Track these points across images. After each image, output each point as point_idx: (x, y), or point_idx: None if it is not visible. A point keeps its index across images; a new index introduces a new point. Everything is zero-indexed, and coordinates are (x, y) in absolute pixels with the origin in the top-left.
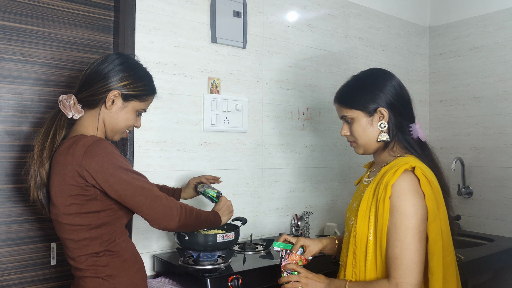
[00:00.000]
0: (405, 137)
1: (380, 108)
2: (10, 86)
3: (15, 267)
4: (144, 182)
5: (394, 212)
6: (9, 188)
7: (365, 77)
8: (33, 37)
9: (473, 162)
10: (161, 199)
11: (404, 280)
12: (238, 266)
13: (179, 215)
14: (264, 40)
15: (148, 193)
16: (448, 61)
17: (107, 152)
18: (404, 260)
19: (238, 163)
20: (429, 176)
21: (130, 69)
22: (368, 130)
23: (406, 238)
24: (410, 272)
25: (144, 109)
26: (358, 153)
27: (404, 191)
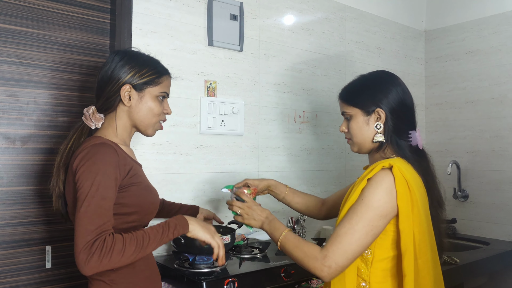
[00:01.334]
0: (400, 141)
1: (378, 109)
2: (5, 88)
3: (10, 270)
4: (94, 207)
5: (359, 200)
6: (4, 191)
7: (370, 78)
8: (28, 39)
9: (469, 166)
10: (87, 234)
11: (333, 256)
12: (234, 269)
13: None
14: (260, 43)
15: (83, 222)
16: (444, 65)
17: (96, 158)
18: (344, 241)
19: (234, 166)
20: (408, 177)
21: (131, 60)
22: (364, 129)
23: (357, 225)
24: (343, 253)
25: (163, 91)
26: (353, 150)
27: (376, 185)
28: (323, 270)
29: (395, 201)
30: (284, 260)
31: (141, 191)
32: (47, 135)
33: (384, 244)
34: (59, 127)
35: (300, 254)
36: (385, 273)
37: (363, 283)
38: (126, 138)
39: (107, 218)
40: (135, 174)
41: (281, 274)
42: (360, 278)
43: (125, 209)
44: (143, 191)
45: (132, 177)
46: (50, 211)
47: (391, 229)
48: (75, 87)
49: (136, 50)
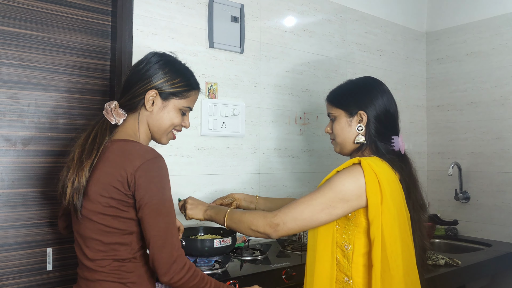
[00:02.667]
0: (379, 143)
1: (360, 111)
2: (6, 90)
3: (11, 273)
4: (172, 222)
5: (325, 183)
6: (5, 193)
7: (357, 82)
8: (30, 42)
9: (471, 167)
10: (172, 248)
11: (283, 216)
12: (235, 271)
13: (176, 273)
14: (261, 45)
15: (166, 235)
16: (445, 66)
17: (161, 173)
18: (298, 208)
19: (235, 168)
20: (377, 171)
21: (165, 66)
22: (346, 129)
23: (315, 200)
24: (292, 218)
25: (188, 106)
26: (335, 151)
27: (343, 173)
28: (271, 226)
29: (363, 192)
30: (285, 262)
31: None
32: (48, 137)
33: (361, 237)
34: (60, 129)
35: (248, 218)
36: (365, 268)
37: (346, 278)
38: (147, 142)
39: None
40: None
41: (282, 276)
42: (343, 273)
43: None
44: None
45: None
46: (51, 213)
47: (363, 221)
48: (76, 89)
49: (174, 56)
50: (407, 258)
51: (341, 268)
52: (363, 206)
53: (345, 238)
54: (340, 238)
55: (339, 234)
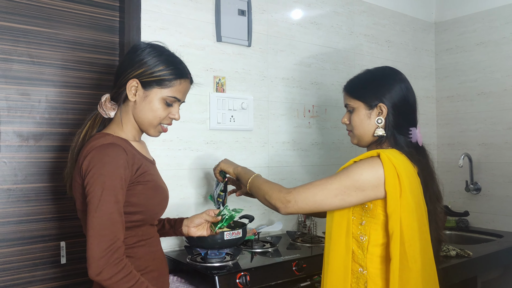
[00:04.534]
0: (398, 136)
1: (381, 104)
2: (17, 87)
3: (26, 266)
4: (108, 212)
5: (343, 170)
6: (18, 188)
7: (376, 72)
8: (39, 38)
9: (482, 158)
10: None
11: (296, 194)
12: (246, 263)
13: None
14: (269, 38)
15: (97, 225)
16: (454, 57)
17: (104, 160)
18: (312, 190)
19: (244, 161)
20: (396, 164)
21: (148, 54)
22: (365, 122)
23: (331, 184)
24: (305, 198)
25: (172, 96)
26: (352, 142)
27: (362, 163)
28: (282, 202)
29: (381, 184)
30: (296, 254)
31: (147, 191)
32: (59, 132)
33: (377, 228)
34: (70, 125)
35: (266, 188)
36: (381, 259)
37: (361, 269)
38: (136, 134)
39: (121, 224)
40: (144, 172)
41: (293, 268)
42: (357, 264)
43: (130, 208)
44: (149, 191)
45: (140, 176)
46: (64, 207)
47: (380, 213)
48: (86, 85)
49: (161, 44)
50: (425, 251)
51: (355, 258)
52: (379, 197)
53: (360, 229)
54: (355, 229)
55: (354, 225)
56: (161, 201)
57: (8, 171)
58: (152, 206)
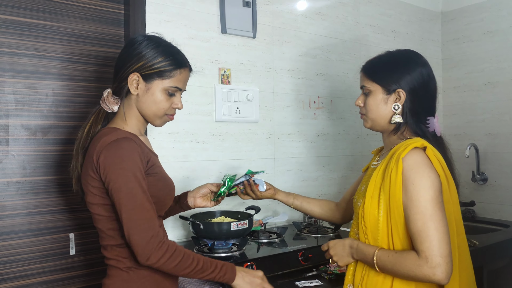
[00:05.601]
0: (418, 124)
1: (399, 90)
2: (24, 81)
3: (36, 257)
4: (138, 203)
5: (409, 186)
6: (27, 180)
7: (398, 56)
8: (45, 32)
9: (488, 148)
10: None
11: (433, 252)
12: (252, 253)
13: (152, 254)
14: (274, 30)
15: (134, 216)
16: (461, 47)
17: (120, 154)
18: (430, 232)
19: (250, 153)
20: (440, 159)
21: (146, 47)
22: (381, 107)
23: (427, 210)
24: (438, 243)
25: (174, 86)
26: (365, 126)
27: (417, 164)
28: (435, 274)
29: (438, 175)
30: (302, 244)
31: (157, 182)
32: (66, 125)
33: None
34: (77, 118)
35: (402, 270)
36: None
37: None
38: (141, 128)
39: (153, 210)
40: (153, 165)
41: (299, 258)
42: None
43: None
44: (159, 182)
45: (150, 168)
46: (73, 199)
47: None
48: (92, 78)
49: (158, 35)
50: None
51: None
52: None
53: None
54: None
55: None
56: (169, 192)
57: (17, 164)
58: (162, 197)
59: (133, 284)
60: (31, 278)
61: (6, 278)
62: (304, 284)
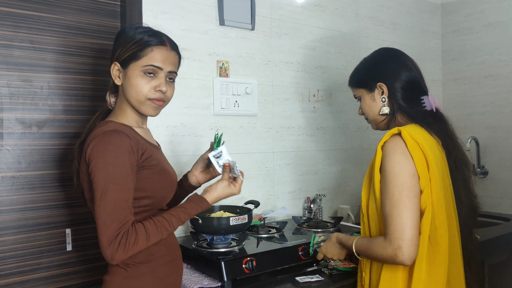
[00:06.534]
0: (411, 109)
1: (379, 83)
2: (19, 73)
3: (31, 253)
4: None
5: (383, 172)
6: (23, 175)
7: (369, 57)
8: (40, 24)
9: (489, 142)
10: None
11: (395, 235)
12: (251, 248)
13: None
14: (272, 22)
15: (103, 213)
16: (461, 39)
17: (107, 148)
18: (394, 217)
19: (249, 147)
20: (418, 139)
21: (121, 35)
22: (372, 105)
23: (394, 195)
24: (401, 227)
25: (148, 64)
26: (373, 128)
27: (390, 151)
28: (397, 255)
29: (412, 162)
30: (302, 239)
31: (153, 175)
32: (62, 119)
33: None
34: (73, 111)
35: (373, 254)
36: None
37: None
38: (138, 119)
39: (128, 210)
40: (149, 157)
41: (299, 253)
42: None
43: (137, 193)
44: (156, 175)
45: (145, 161)
46: (69, 194)
47: None
48: (88, 70)
49: (138, 25)
50: (451, 227)
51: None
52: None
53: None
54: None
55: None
56: (168, 185)
57: (12, 159)
58: (160, 190)
59: (134, 280)
60: (26, 274)
61: (0, 275)
62: (305, 279)
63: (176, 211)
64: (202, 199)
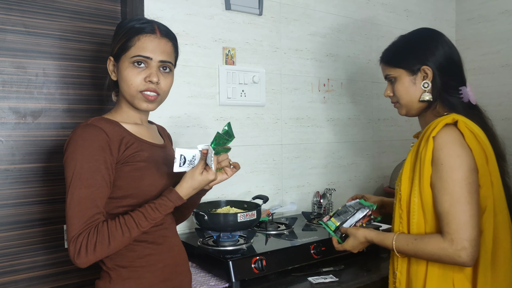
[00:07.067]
0: (451, 98)
1: (424, 67)
2: (12, 59)
3: (26, 251)
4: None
5: (439, 166)
6: (17, 168)
7: (412, 36)
8: (35, 7)
9: (505, 134)
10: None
11: (459, 235)
12: (260, 246)
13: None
14: (281, 7)
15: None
16: (476, 27)
17: (78, 143)
18: (456, 214)
19: (256, 139)
20: (476, 131)
21: (115, 32)
22: (411, 89)
23: (455, 191)
24: (464, 226)
25: (136, 55)
26: (401, 113)
27: (446, 143)
28: (460, 256)
29: (471, 154)
30: (313, 236)
31: (135, 172)
32: (59, 109)
33: None
34: (71, 100)
35: (425, 253)
36: None
37: None
38: (135, 116)
39: (94, 209)
40: (135, 152)
41: (311, 251)
42: None
43: (118, 192)
44: (136, 172)
45: (129, 156)
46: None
47: None
48: (86, 57)
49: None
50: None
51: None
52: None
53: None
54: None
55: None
56: (153, 183)
57: (5, 151)
58: (143, 189)
59: (117, 286)
60: (21, 273)
61: None
62: (318, 280)
63: (145, 207)
64: (171, 192)
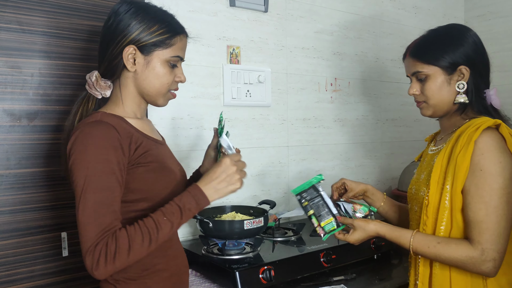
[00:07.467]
0: (481, 100)
1: (462, 67)
2: (6, 59)
3: (24, 260)
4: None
5: (477, 172)
6: (12, 173)
7: (445, 31)
8: (29, 3)
9: None
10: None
11: (491, 246)
12: (268, 255)
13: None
14: (287, 3)
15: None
16: (487, 24)
17: (88, 142)
18: (491, 224)
19: (262, 141)
20: None
21: (137, 14)
22: (444, 90)
23: (492, 200)
24: (497, 237)
25: (176, 55)
26: (425, 114)
27: (488, 148)
28: (488, 267)
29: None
30: (323, 244)
31: (149, 174)
32: (55, 110)
33: None
34: (67, 102)
35: (447, 257)
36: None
37: None
38: (137, 110)
39: (111, 215)
40: (146, 152)
41: (321, 259)
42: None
43: (131, 195)
44: (152, 174)
45: (140, 157)
46: (64, 194)
47: None
48: (84, 56)
49: (146, 1)
50: None
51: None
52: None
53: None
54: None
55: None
56: (167, 185)
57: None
58: (157, 191)
59: None
60: (18, 283)
61: None
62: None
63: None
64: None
